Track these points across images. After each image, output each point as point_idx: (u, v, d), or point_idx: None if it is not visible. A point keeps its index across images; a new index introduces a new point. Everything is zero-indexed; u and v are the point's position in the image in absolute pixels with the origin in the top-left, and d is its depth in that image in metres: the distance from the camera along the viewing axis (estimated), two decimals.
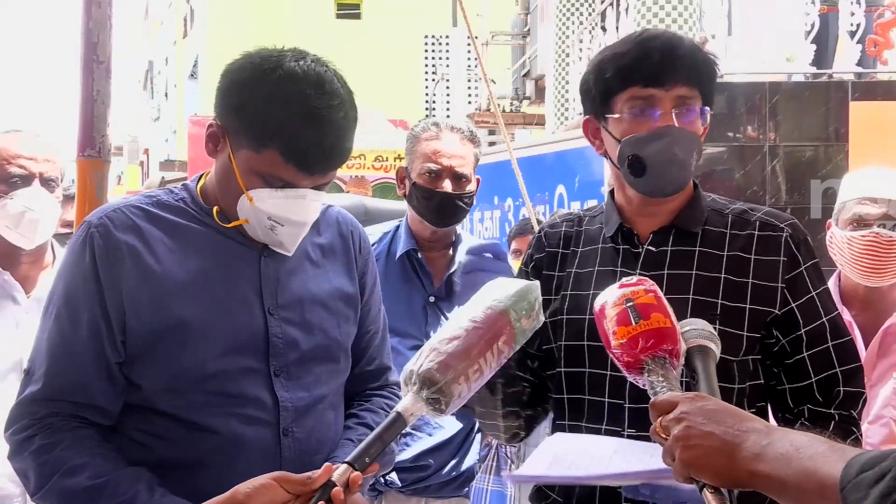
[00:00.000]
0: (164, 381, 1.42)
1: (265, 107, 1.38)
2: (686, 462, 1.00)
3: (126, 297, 1.41)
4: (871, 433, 2.18)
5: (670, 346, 1.20)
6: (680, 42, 1.55)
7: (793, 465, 0.91)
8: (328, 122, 1.39)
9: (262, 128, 1.39)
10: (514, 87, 13.17)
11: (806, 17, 5.94)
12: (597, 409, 1.54)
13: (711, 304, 1.51)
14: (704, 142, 1.59)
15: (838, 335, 1.55)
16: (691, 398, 1.06)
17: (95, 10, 1.88)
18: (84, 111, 1.89)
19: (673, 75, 1.51)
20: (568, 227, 1.69)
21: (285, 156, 1.38)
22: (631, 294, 1.25)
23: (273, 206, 1.42)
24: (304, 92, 1.38)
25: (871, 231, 2.18)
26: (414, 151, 2.39)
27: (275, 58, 1.42)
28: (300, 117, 1.37)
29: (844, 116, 5.13)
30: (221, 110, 1.44)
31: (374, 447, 1.20)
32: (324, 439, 1.53)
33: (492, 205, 6.01)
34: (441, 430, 2.36)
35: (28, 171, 2.22)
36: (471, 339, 1.25)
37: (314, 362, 1.52)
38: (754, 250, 1.55)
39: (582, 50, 8.10)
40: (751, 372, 1.54)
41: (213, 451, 1.42)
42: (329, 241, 1.59)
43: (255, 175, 1.41)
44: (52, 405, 1.41)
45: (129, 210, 1.46)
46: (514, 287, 1.35)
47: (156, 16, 33.57)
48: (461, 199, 2.36)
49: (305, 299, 1.52)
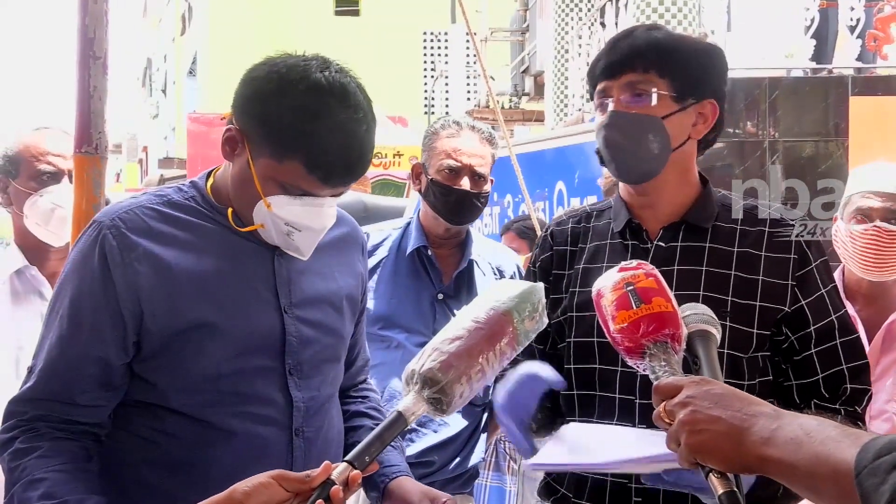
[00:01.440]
0: (179, 380, 1.42)
1: (291, 119, 1.37)
2: (692, 447, 0.98)
3: (143, 298, 1.40)
4: (874, 428, 2.19)
5: (672, 330, 1.19)
6: (637, 32, 1.57)
7: (804, 449, 0.89)
8: (352, 136, 1.39)
9: (286, 139, 1.38)
10: (514, 83, 13.16)
11: (806, 12, 5.93)
12: (607, 404, 1.54)
13: (722, 300, 1.51)
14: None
15: (846, 332, 1.55)
16: (697, 382, 1.03)
17: (92, 5, 1.86)
18: (81, 107, 1.87)
19: (621, 64, 1.53)
20: (575, 223, 1.69)
21: (309, 168, 1.38)
22: (631, 278, 1.23)
23: (291, 213, 1.42)
24: (330, 105, 1.38)
25: (872, 225, 2.18)
26: (433, 148, 2.38)
27: (300, 68, 1.40)
28: (325, 130, 1.37)
29: (844, 111, 5.12)
30: (243, 117, 1.43)
31: (374, 446, 1.19)
32: (330, 439, 1.55)
33: (491, 201, 6.00)
34: (446, 427, 2.35)
35: (57, 168, 2.23)
36: (473, 339, 1.24)
37: (324, 362, 1.53)
38: (765, 247, 1.55)
39: (581, 46, 8.08)
40: (760, 368, 1.53)
41: (224, 449, 1.42)
42: (334, 242, 1.60)
43: (275, 183, 1.41)
44: (42, 406, 1.40)
45: (142, 211, 1.45)
46: (517, 288, 1.34)
47: (154, 12, 33.56)
48: (478, 199, 2.37)
49: (316, 298, 1.53)
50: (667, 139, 1.53)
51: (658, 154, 1.53)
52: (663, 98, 1.52)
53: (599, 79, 1.57)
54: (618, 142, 1.54)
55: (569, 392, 1.60)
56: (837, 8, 5.97)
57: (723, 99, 1.60)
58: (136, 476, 1.43)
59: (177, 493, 1.40)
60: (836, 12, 6.00)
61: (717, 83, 1.59)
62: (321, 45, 1.55)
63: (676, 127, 1.54)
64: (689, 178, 1.60)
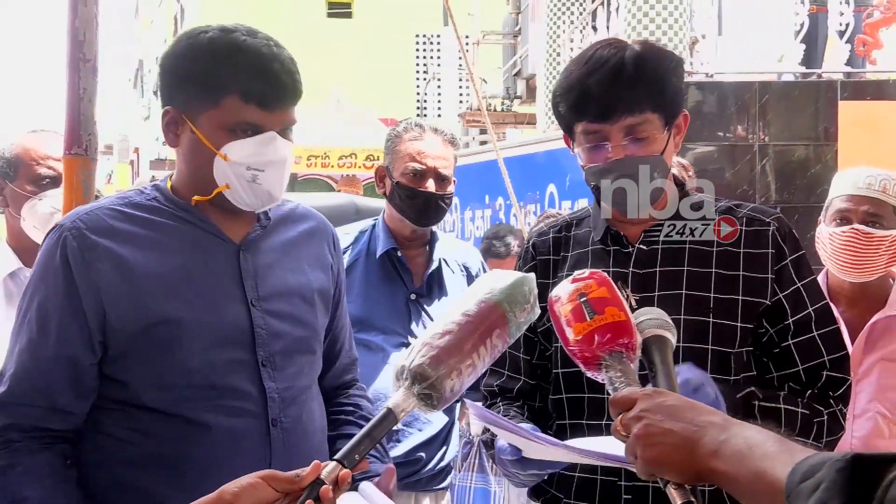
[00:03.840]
0: (150, 378, 1.43)
1: (212, 61, 1.43)
2: (648, 461, 0.99)
3: (105, 296, 1.41)
4: (858, 427, 2.21)
5: (626, 339, 1.19)
6: (622, 67, 1.51)
7: (745, 463, 0.90)
8: (275, 57, 1.45)
9: (213, 80, 1.43)
10: (506, 86, 13.17)
11: (795, 16, 5.96)
12: (597, 405, 1.55)
13: (705, 298, 1.54)
14: (695, 141, 1.61)
15: (825, 324, 1.57)
16: (650, 395, 1.04)
17: (82, 8, 1.87)
18: (71, 110, 1.87)
19: (617, 109, 1.51)
20: (556, 233, 1.71)
21: (244, 97, 1.43)
22: (584, 288, 1.23)
23: (248, 154, 1.45)
24: (241, 37, 1.45)
25: (850, 227, 2.21)
26: (396, 151, 2.40)
27: (200, 28, 1.49)
28: (244, 57, 1.43)
29: (834, 116, 5.15)
30: (170, 92, 1.49)
31: (364, 444, 1.18)
32: (310, 430, 1.55)
33: (483, 204, 6.01)
34: (430, 424, 2.38)
35: (57, 171, 2.20)
36: (463, 333, 1.22)
37: (297, 353, 1.54)
38: (743, 244, 1.57)
39: (573, 49, 8.10)
40: (744, 363, 1.56)
41: (201, 444, 1.43)
42: (301, 236, 1.61)
43: (222, 131, 1.44)
44: (15, 411, 1.40)
45: (103, 212, 1.47)
46: (507, 279, 1.31)
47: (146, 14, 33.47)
48: (443, 200, 2.39)
49: (284, 292, 1.54)
50: (666, 170, 1.57)
51: (660, 187, 1.57)
52: (659, 135, 1.54)
53: (591, 119, 1.53)
54: (625, 187, 1.55)
55: (557, 396, 1.61)
56: (827, 13, 6.01)
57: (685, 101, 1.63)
58: (112, 476, 1.43)
59: (155, 490, 1.41)
60: (826, 17, 6.03)
61: (682, 89, 1.61)
62: (314, 46, 1.58)
63: (668, 153, 1.57)
64: (668, 185, 1.62)
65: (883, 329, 2.22)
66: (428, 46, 16.45)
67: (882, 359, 2.21)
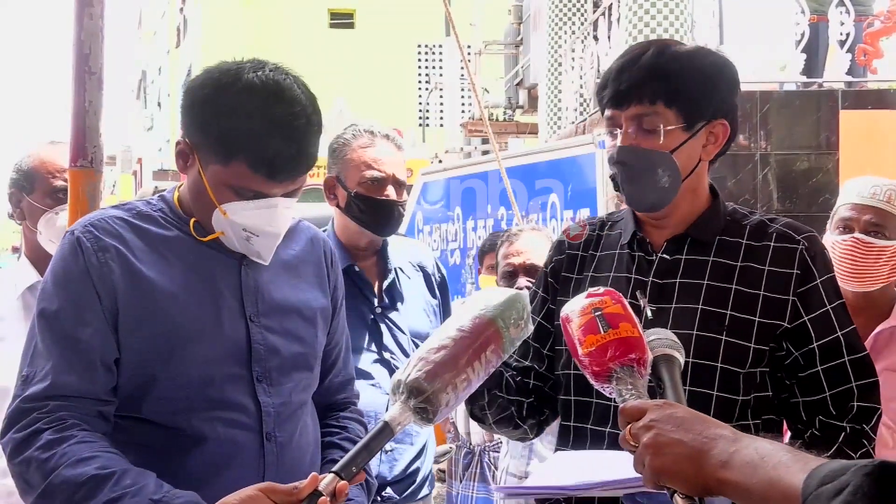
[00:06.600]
0: (149, 389, 1.43)
1: (228, 121, 1.41)
2: (655, 469, 1.00)
3: (120, 298, 1.42)
4: None
5: (638, 354, 1.20)
6: (642, 57, 1.52)
7: (758, 473, 0.91)
8: (291, 130, 1.43)
9: (227, 142, 1.42)
10: (508, 96, 13.22)
11: (796, 26, 5.98)
12: (602, 411, 1.54)
13: (720, 314, 1.51)
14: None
15: (854, 350, 1.53)
16: (660, 406, 1.05)
17: (87, 21, 1.88)
18: (76, 122, 1.89)
19: (627, 94, 1.52)
20: (591, 230, 1.70)
21: (253, 166, 1.42)
22: (599, 303, 1.25)
23: (246, 217, 1.45)
24: (265, 102, 1.41)
25: (851, 236, 2.21)
26: (347, 160, 2.29)
27: (233, 71, 1.44)
28: (263, 128, 1.41)
29: (835, 125, 5.17)
30: (188, 127, 1.47)
31: (361, 456, 1.20)
32: (304, 445, 1.55)
33: (486, 214, 6.02)
34: (419, 435, 2.34)
35: None
36: (458, 348, 1.25)
37: (294, 369, 1.54)
38: (768, 262, 1.54)
39: (574, 59, 8.13)
40: (757, 384, 1.52)
41: (195, 455, 1.43)
42: (301, 253, 1.62)
43: (226, 188, 1.44)
44: (62, 402, 1.39)
45: (111, 219, 1.48)
46: (502, 296, 1.35)
47: (149, 25, 33.59)
48: (402, 207, 2.32)
49: (284, 308, 1.54)
50: (676, 172, 1.53)
51: (668, 187, 1.53)
52: (672, 131, 1.51)
53: (607, 105, 1.55)
54: (628, 175, 1.54)
55: (566, 397, 1.61)
56: (828, 22, 6.03)
57: (733, 112, 1.59)
58: None
59: None
60: (827, 27, 6.05)
61: (728, 99, 1.58)
62: (316, 57, 1.59)
63: (686, 157, 1.54)
64: (699, 194, 1.59)
65: (887, 339, 2.21)
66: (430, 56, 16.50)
67: (886, 369, 2.20)
